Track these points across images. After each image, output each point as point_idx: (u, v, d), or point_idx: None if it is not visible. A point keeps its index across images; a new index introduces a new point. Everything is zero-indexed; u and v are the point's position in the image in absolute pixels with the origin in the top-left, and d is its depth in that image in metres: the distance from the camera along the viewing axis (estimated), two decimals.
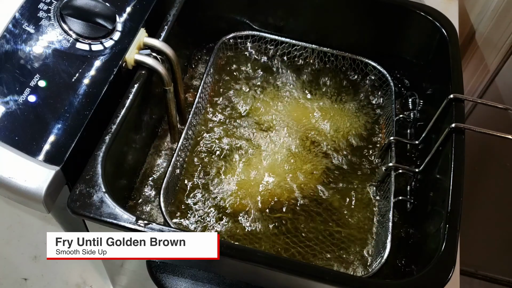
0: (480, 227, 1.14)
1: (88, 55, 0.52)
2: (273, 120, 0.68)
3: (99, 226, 0.44)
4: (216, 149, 0.64)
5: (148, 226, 0.42)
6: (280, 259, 0.46)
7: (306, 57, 0.74)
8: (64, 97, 0.49)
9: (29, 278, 0.64)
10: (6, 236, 0.66)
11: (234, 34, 0.72)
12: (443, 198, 0.49)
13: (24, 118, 0.46)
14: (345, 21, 0.71)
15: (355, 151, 0.66)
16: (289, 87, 0.72)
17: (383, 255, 0.54)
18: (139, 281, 0.57)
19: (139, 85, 0.53)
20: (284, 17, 0.72)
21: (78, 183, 0.45)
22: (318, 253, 0.57)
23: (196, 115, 0.65)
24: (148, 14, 0.58)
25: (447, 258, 0.45)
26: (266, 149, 0.65)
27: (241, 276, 0.47)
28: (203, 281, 0.47)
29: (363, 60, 0.72)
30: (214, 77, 0.71)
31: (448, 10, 0.89)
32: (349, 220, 0.60)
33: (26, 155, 0.45)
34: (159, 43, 0.56)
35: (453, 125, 0.53)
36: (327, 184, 0.63)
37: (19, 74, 0.48)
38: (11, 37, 0.49)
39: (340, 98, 0.71)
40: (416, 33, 0.68)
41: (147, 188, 0.60)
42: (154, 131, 0.65)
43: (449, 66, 0.60)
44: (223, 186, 0.60)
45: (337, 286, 0.42)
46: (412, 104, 0.71)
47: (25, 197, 0.45)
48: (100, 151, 0.47)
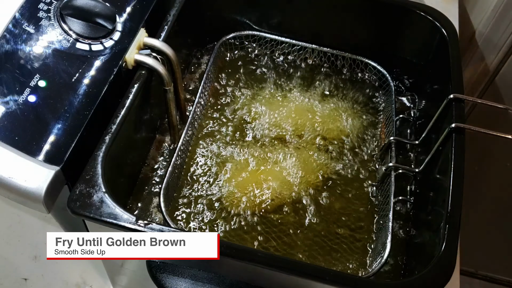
0: (480, 227, 1.14)
1: (88, 55, 0.52)
2: (273, 120, 0.68)
3: (99, 226, 0.44)
4: (216, 149, 0.64)
5: (148, 226, 0.42)
6: (280, 259, 0.46)
7: (306, 57, 0.74)
8: (64, 97, 0.49)
9: (29, 278, 0.64)
10: (6, 236, 0.66)
11: (234, 34, 0.72)
12: (443, 198, 0.49)
13: (24, 118, 0.46)
14: (345, 21, 0.71)
15: (355, 151, 0.66)
16: (289, 87, 0.72)
17: (383, 255, 0.54)
18: (139, 281, 0.57)
19: (139, 85, 0.53)
20: (284, 17, 0.72)
21: (78, 183, 0.45)
22: (318, 253, 0.57)
23: (196, 115, 0.65)
24: (148, 14, 0.58)
25: (447, 258, 0.45)
26: (266, 149, 0.65)
27: (241, 276, 0.47)
28: (203, 281, 0.47)
29: (363, 60, 0.72)
30: (214, 77, 0.71)
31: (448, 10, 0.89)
32: (349, 220, 0.60)
33: (26, 155, 0.45)
34: (159, 43, 0.56)
35: (453, 125, 0.53)
36: (327, 184, 0.63)
37: (19, 74, 0.48)
38: (11, 37, 0.49)
39: (340, 98, 0.71)
40: (416, 33, 0.68)
41: (147, 188, 0.60)
42: (154, 131, 0.65)
43: (449, 66, 0.60)
44: (224, 186, 0.60)
45: (337, 286, 0.42)
46: (412, 104, 0.71)
47: (25, 197, 0.45)
48: (100, 151, 0.47)
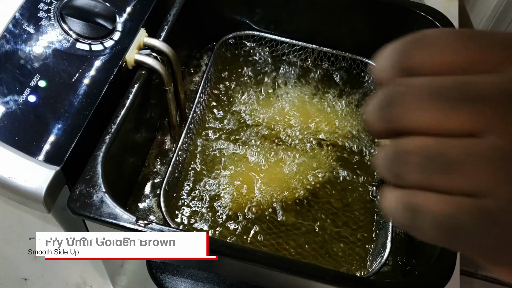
0: None
1: (88, 55, 0.52)
2: (273, 120, 0.68)
3: (99, 226, 0.44)
4: (216, 149, 0.64)
5: (148, 226, 0.42)
6: (280, 259, 0.46)
7: (306, 57, 0.74)
8: (64, 97, 0.49)
9: (29, 278, 0.64)
10: (6, 236, 0.66)
11: (234, 34, 0.72)
12: None
13: (24, 118, 0.46)
14: (345, 21, 0.71)
15: (355, 151, 0.66)
16: (289, 87, 0.72)
17: (383, 255, 0.54)
18: (139, 281, 0.57)
19: (139, 85, 0.53)
20: (284, 17, 0.72)
21: (78, 183, 0.45)
22: (318, 253, 0.57)
23: (196, 115, 0.65)
24: (148, 14, 0.58)
25: (447, 258, 0.45)
26: (267, 148, 0.65)
27: (241, 276, 0.47)
28: (203, 281, 0.47)
29: (363, 60, 0.72)
30: (214, 77, 0.71)
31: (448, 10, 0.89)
32: (349, 220, 0.60)
33: (26, 155, 0.45)
34: (159, 43, 0.56)
35: None
36: (327, 184, 0.63)
37: (19, 74, 0.48)
38: (11, 37, 0.49)
39: (340, 98, 0.71)
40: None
41: (147, 188, 0.60)
42: (154, 131, 0.65)
43: None
44: (224, 186, 0.60)
45: (337, 286, 0.42)
46: None
47: (25, 197, 0.45)
48: (100, 151, 0.47)
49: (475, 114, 0.18)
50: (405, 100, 0.19)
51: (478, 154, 0.18)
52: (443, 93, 0.19)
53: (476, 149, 0.18)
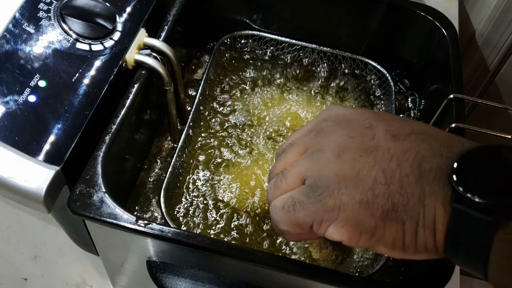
0: None
1: (88, 55, 0.52)
2: (273, 120, 0.68)
3: (99, 226, 0.44)
4: (216, 149, 0.64)
5: (148, 226, 0.42)
6: (280, 259, 0.46)
7: (306, 56, 0.74)
8: (64, 97, 0.49)
9: (29, 278, 0.64)
10: (6, 236, 0.66)
11: (234, 34, 0.72)
12: None
13: (24, 118, 0.46)
14: (345, 20, 0.71)
15: None
16: (288, 86, 0.72)
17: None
18: (139, 281, 0.57)
19: (139, 85, 0.53)
20: (284, 17, 0.72)
21: (78, 183, 0.45)
22: (318, 254, 0.57)
23: (196, 115, 0.65)
24: (148, 14, 0.58)
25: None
26: (267, 148, 0.65)
27: (241, 276, 0.47)
28: (203, 281, 0.46)
29: (363, 60, 0.72)
30: (214, 77, 0.71)
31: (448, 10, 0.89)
32: None
33: (26, 155, 0.45)
34: (159, 43, 0.56)
35: (453, 125, 0.53)
36: None
37: (19, 74, 0.48)
38: (11, 37, 0.49)
39: (340, 98, 0.71)
40: (416, 33, 0.68)
41: (147, 188, 0.60)
42: (154, 131, 0.65)
43: (449, 66, 0.60)
44: (224, 186, 0.60)
45: (337, 286, 0.42)
46: (412, 103, 0.71)
47: (25, 197, 0.45)
48: (100, 151, 0.47)
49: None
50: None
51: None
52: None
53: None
